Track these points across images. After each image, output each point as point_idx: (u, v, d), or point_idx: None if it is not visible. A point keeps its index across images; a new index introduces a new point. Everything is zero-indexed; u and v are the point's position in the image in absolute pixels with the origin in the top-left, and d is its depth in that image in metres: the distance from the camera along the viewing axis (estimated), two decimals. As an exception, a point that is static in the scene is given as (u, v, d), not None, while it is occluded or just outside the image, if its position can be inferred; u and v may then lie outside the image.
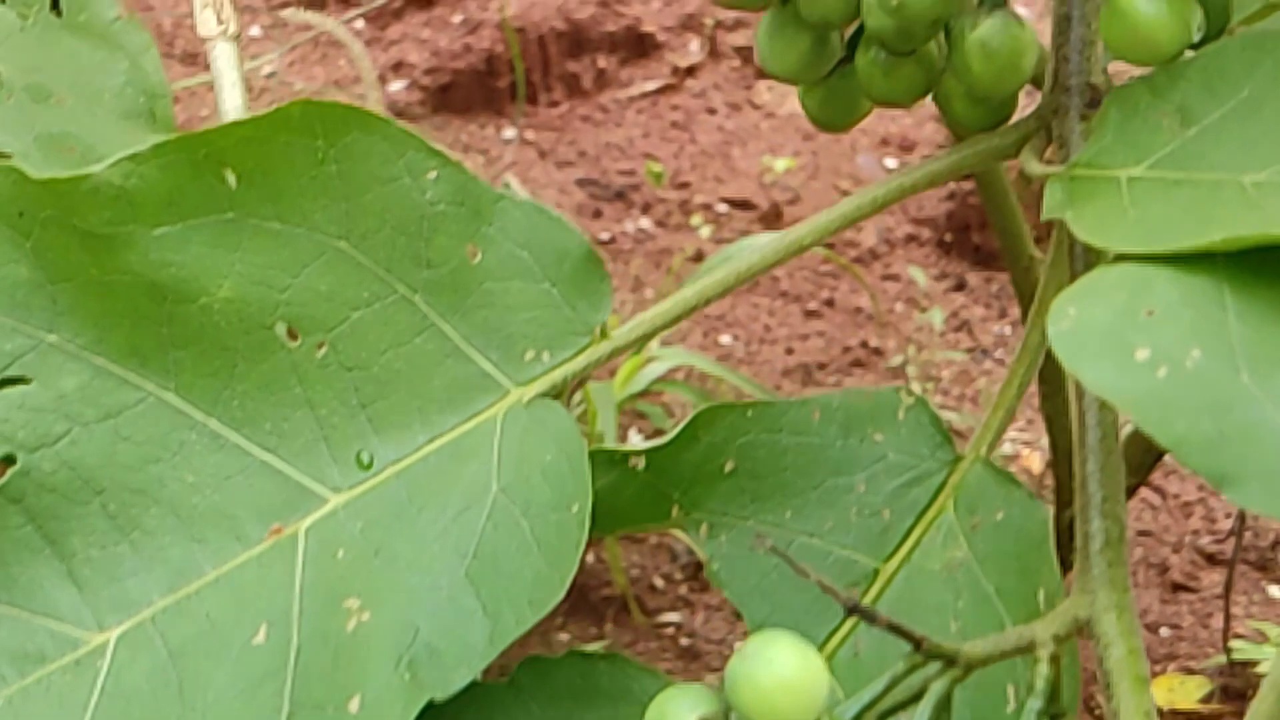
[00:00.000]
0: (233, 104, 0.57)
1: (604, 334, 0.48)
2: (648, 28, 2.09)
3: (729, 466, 0.50)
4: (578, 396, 1.76)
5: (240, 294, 0.45)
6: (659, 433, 1.85)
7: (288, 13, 2.35)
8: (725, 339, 1.85)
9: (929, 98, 0.49)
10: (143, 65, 0.61)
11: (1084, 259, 0.45)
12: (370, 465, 0.46)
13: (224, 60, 0.58)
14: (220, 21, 0.58)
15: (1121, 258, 0.40)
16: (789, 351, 1.65)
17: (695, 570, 1.78)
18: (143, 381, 0.45)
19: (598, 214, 2.36)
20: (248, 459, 0.45)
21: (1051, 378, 0.75)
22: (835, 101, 0.51)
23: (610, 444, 1.66)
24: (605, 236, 2.31)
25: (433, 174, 0.47)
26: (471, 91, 2.11)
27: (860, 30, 0.49)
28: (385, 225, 0.46)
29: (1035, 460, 1.33)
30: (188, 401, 0.45)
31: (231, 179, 0.45)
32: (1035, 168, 0.47)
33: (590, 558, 1.73)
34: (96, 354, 0.44)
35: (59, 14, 0.62)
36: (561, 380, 0.47)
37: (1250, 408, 0.35)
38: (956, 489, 0.49)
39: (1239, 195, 0.41)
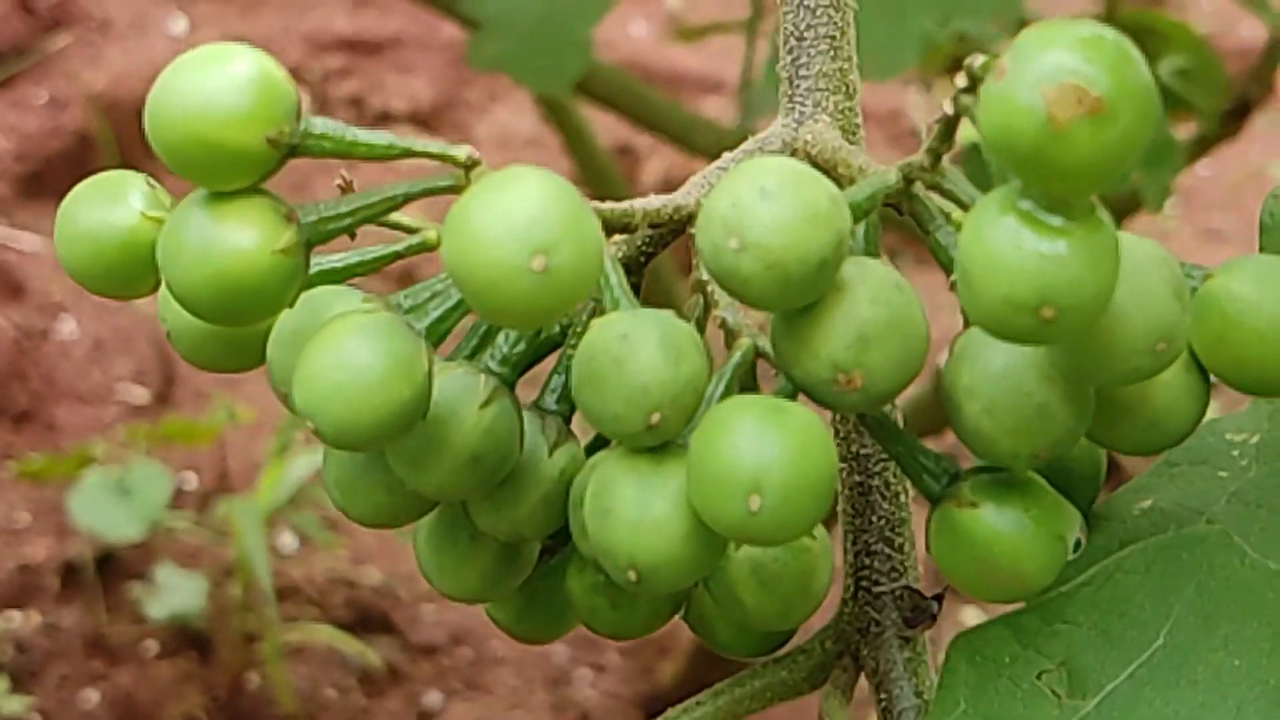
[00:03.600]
0: None
1: None
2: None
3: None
4: (220, 508, 1.61)
5: None
6: (308, 540, 1.70)
7: None
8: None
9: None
10: None
11: None
12: None
13: None
14: None
15: None
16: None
17: (369, 675, 1.61)
18: None
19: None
20: None
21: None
22: (538, 612, 0.35)
23: (260, 561, 1.50)
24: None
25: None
26: (65, 175, 1.94)
27: (568, 532, 0.33)
28: None
29: None
30: None
31: None
32: (848, 733, 0.32)
33: (255, 677, 1.58)
34: None
35: None
36: None
37: None
38: None
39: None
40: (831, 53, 0.34)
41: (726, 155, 0.33)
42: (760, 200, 0.27)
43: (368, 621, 1.68)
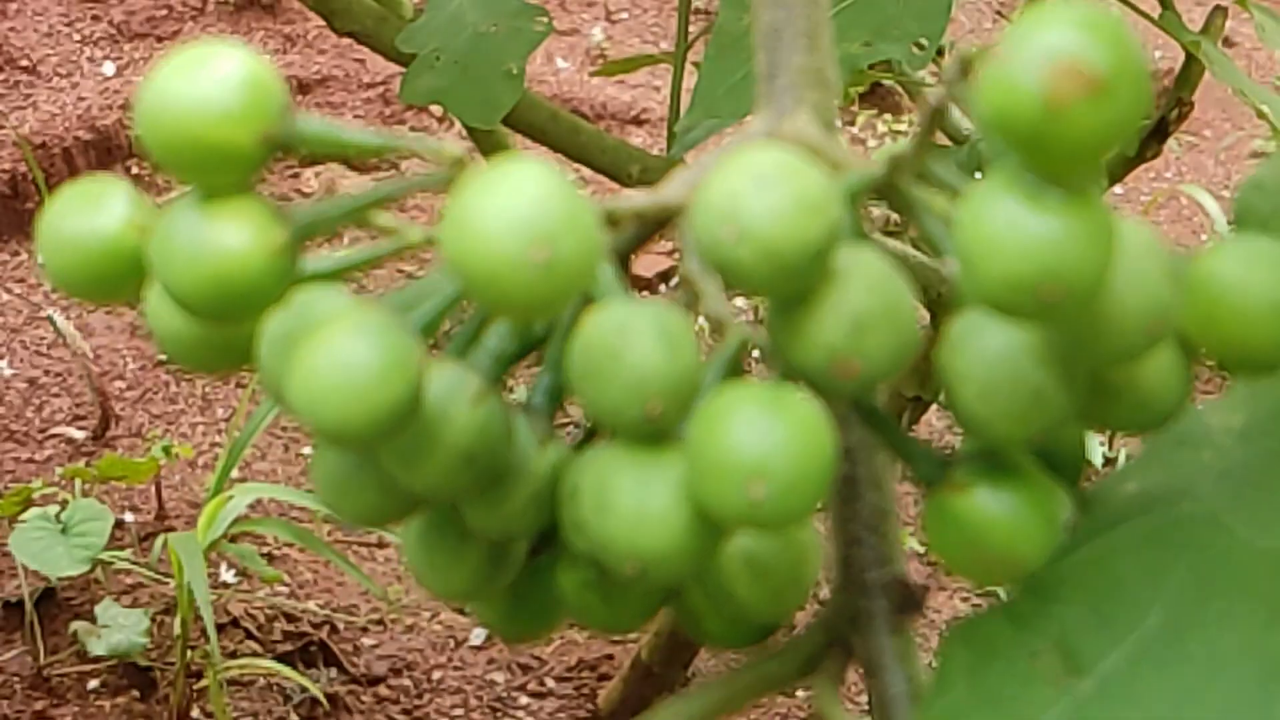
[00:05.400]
0: None
1: None
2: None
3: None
4: (159, 545, 1.59)
5: None
6: (246, 574, 1.69)
7: None
8: (309, 449, 1.66)
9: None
10: None
11: None
12: None
13: None
14: None
15: None
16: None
17: (311, 707, 1.60)
18: None
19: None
20: None
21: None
22: (525, 610, 0.35)
23: (201, 595, 1.49)
24: (164, 356, 2.11)
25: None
26: (-4, 217, 1.94)
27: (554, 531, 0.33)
28: None
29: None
30: None
31: None
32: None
33: (196, 712, 1.57)
34: None
35: None
36: None
37: None
38: None
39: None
40: (810, 49, 0.34)
41: (710, 150, 0.33)
42: (756, 189, 0.28)
43: (308, 653, 1.67)
